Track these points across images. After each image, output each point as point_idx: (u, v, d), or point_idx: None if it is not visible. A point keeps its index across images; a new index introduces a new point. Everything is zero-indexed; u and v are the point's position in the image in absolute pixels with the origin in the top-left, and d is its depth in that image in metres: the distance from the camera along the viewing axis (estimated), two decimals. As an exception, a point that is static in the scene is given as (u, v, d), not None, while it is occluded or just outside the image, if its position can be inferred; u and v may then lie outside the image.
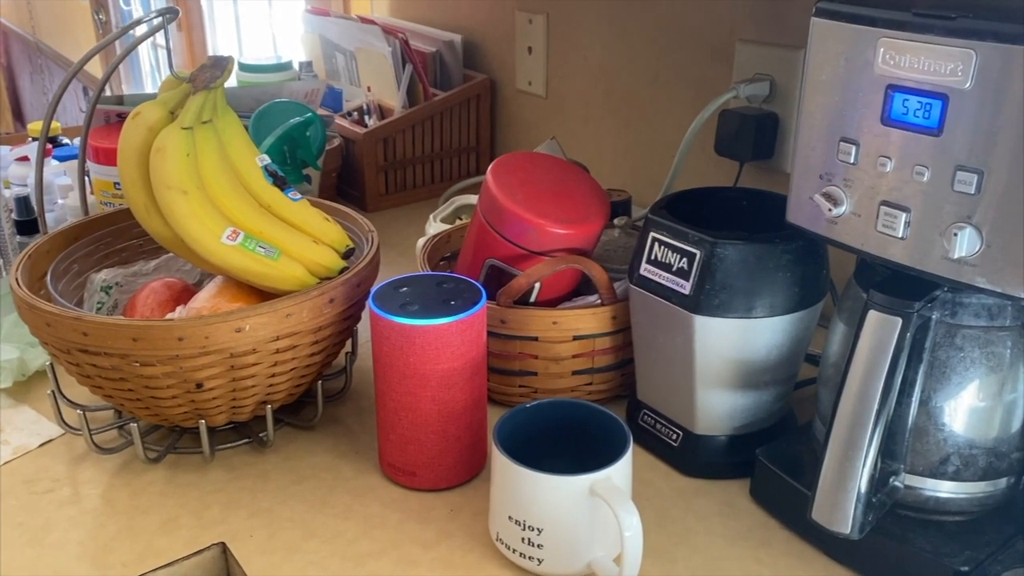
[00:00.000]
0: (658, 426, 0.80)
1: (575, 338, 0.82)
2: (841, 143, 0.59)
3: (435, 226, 1.09)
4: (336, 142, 1.33)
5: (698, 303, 0.70)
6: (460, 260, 0.89)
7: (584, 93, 1.29)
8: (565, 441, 0.71)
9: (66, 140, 1.43)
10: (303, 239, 0.78)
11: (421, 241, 1.05)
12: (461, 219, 1.15)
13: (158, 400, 0.73)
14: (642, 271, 0.75)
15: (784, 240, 0.70)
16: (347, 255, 0.81)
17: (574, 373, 0.84)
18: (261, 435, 0.81)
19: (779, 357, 0.73)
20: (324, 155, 1.21)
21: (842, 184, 0.59)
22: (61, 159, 1.28)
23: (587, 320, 0.81)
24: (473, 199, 1.15)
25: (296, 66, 1.46)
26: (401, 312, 0.70)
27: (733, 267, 0.69)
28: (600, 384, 0.86)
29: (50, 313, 0.70)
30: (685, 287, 0.71)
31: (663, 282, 0.73)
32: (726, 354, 0.72)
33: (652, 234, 0.74)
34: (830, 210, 0.60)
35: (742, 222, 0.77)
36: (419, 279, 0.76)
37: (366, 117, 1.43)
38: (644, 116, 1.20)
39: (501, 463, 0.65)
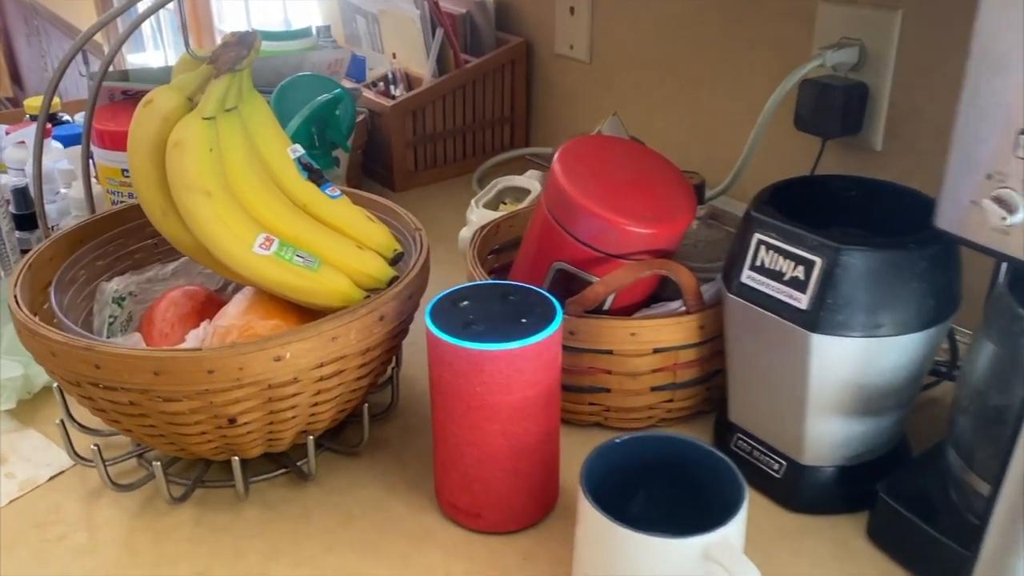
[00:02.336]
0: (756, 453, 0.70)
1: (655, 351, 0.72)
2: (1022, 137, 0.48)
3: (477, 212, 0.98)
4: (361, 116, 1.21)
5: (817, 320, 0.60)
6: (519, 261, 0.78)
7: (634, 58, 1.17)
8: (655, 480, 0.61)
9: (67, 117, 1.32)
10: (346, 244, 0.67)
11: (465, 232, 0.95)
12: (505, 203, 1.04)
13: (184, 436, 0.63)
14: (744, 279, 0.64)
15: (920, 245, 0.59)
16: (395, 260, 0.70)
17: (653, 389, 0.74)
18: (300, 464, 0.71)
19: (905, 379, 0.63)
20: (353, 134, 1.10)
21: (1021, 187, 0.48)
22: (62, 139, 1.17)
23: (670, 331, 0.71)
24: (517, 180, 1.03)
25: (313, 32, 1.33)
26: (466, 334, 0.59)
27: (861, 278, 0.59)
28: (681, 401, 0.75)
29: (56, 342, 0.60)
30: (801, 300, 0.60)
31: (772, 293, 0.62)
32: (845, 377, 0.62)
33: (758, 236, 0.63)
34: (1003, 218, 0.49)
35: (851, 218, 0.66)
36: (481, 290, 0.65)
37: (392, 87, 1.31)
38: (706, 84, 1.08)
39: (592, 518, 0.55)
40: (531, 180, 1.02)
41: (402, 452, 0.75)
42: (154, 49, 3.04)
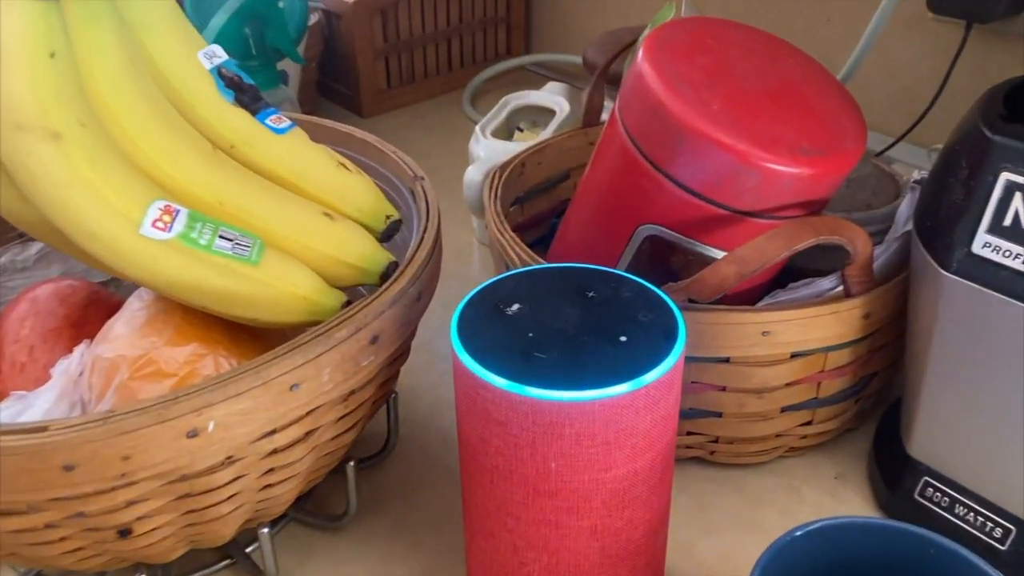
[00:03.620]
0: (961, 511, 0.45)
1: (794, 356, 0.46)
2: None
3: (485, 144, 0.71)
4: (315, 18, 0.92)
5: None
6: (573, 221, 0.52)
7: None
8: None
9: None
10: (306, 212, 0.40)
11: (474, 174, 0.67)
12: (520, 130, 0.76)
13: (47, 557, 0.37)
14: (978, 248, 0.39)
15: None
16: (389, 234, 0.43)
17: (785, 410, 0.49)
18: (250, 551, 0.45)
19: None
20: (305, 38, 0.81)
21: None
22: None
23: (823, 325, 0.45)
24: (534, 97, 0.76)
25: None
26: (530, 371, 0.33)
27: None
28: (822, 423, 0.50)
29: None
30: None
31: (1034, 273, 0.37)
32: None
33: (1008, 177, 0.38)
34: None
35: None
36: (538, 283, 0.39)
37: (351, -20, 1.01)
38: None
39: None
40: (554, 96, 0.74)
41: (405, 519, 0.49)
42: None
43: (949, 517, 0.45)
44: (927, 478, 0.46)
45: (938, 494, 0.46)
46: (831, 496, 0.50)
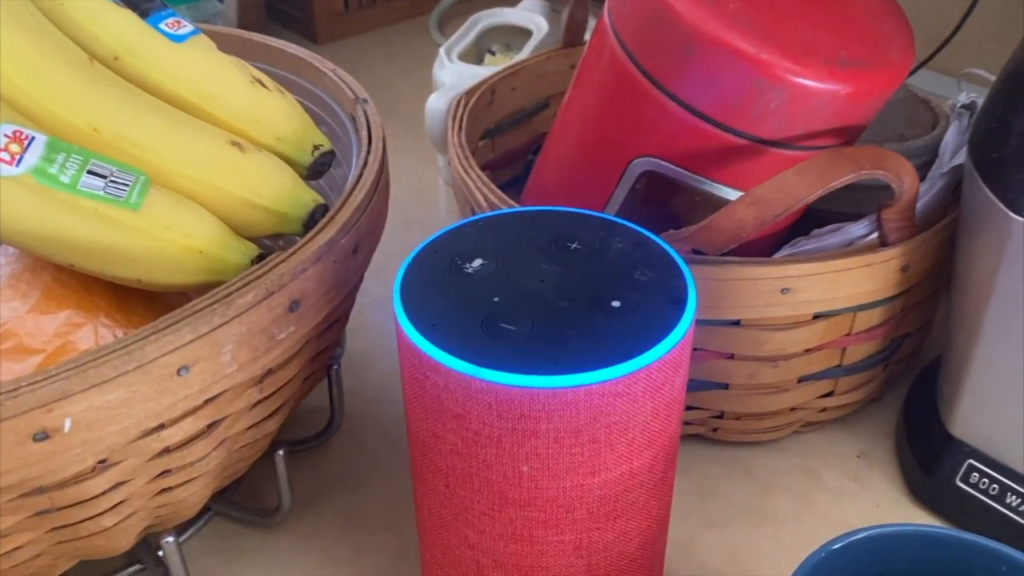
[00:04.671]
0: (1012, 499, 0.38)
1: (817, 317, 0.38)
2: None
3: (451, 68, 0.61)
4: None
5: None
6: (552, 155, 0.43)
7: None
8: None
9: None
10: (208, 141, 0.31)
11: (436, 102, 0.58)
12: (492, 54, 0.67)
13: None
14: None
15: None
16: (316, 170, 0.34)
17: (802, 381, 0.41)
18: (162, 554, 0.37)
19: None
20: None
21: None
22: None
23: (853, 280, 0.37)
24: (508, 15, 0.66)
25: None
26: (495, 351, 0.25)
27: None
28: (845, 394, 0.43)
29: None
30: None
31: None
32: None
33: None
34: None
35: None
36: (508, 232, 0.30)
37: None
38: None
39: None
40: (531, 15, 0.65)
41: (357, 514, 0.41)
42: None
43: (998, 507, 0.38)
44: (972, 461, 0.39)
45: (985, 480, 0.39)
46: (854, 479, 0.42)
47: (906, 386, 0.46)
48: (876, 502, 0.41)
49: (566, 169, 0.41)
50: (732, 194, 0.36)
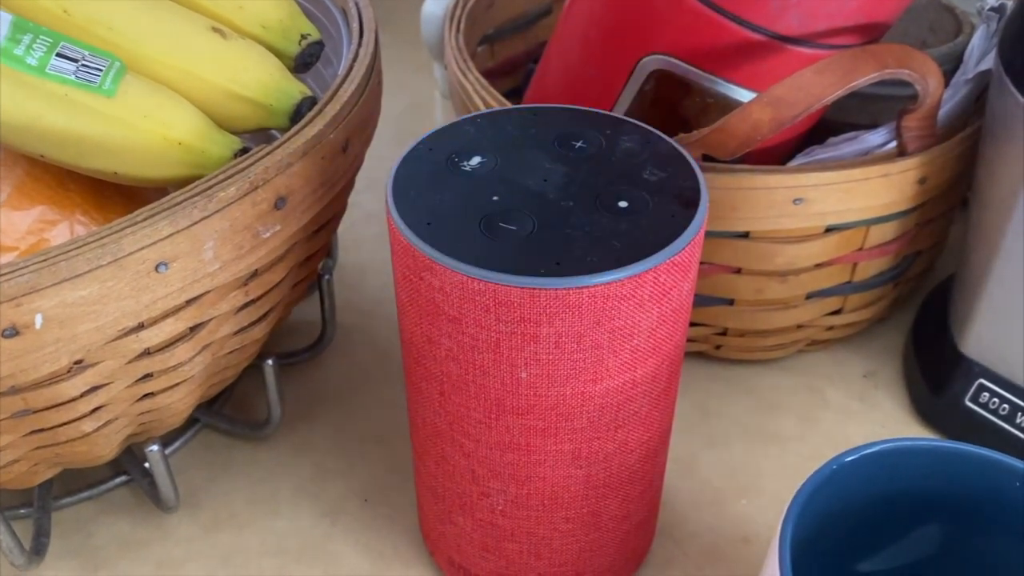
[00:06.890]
0: (1023, 420, 0.37)
1: (829, 230, 0.37)
2: None
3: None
4: None
5: None
6: (555, 56, 0.40)
7: None
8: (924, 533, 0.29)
9: None
10: (188, 26, 0.29)
11: (432, 4, 0.55)
12: (493, -41, 0.63)
13: None
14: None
15: None
16: (304, 62, 0.32)
17: (810, 297, 0.40)
18: (146, 465, 0.36)
19: None
20: None
21: None
22: None
23: (870, 191, 0.36)
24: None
25: None
26: (494, 251, 0.24)
27: None
28: (854, 312, 0.42)
29: None
30: None
31: None
32: None
33: None
34: None
35: None
36: (506, 129, 0.29)
37: None
38: None
39: None
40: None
41: (349, 427, 0.40)
42: None
43: (1009, 428, 0.37)
44: (983, 380, 0.38)
45: (995, 400, 0.38)
46: (859, 399, 0.41)
47: (913, 308, 0.45)
48: (882, 423, 0.40)
49: (570, 70, 0.38)
50: (747, 96, 0.34)
